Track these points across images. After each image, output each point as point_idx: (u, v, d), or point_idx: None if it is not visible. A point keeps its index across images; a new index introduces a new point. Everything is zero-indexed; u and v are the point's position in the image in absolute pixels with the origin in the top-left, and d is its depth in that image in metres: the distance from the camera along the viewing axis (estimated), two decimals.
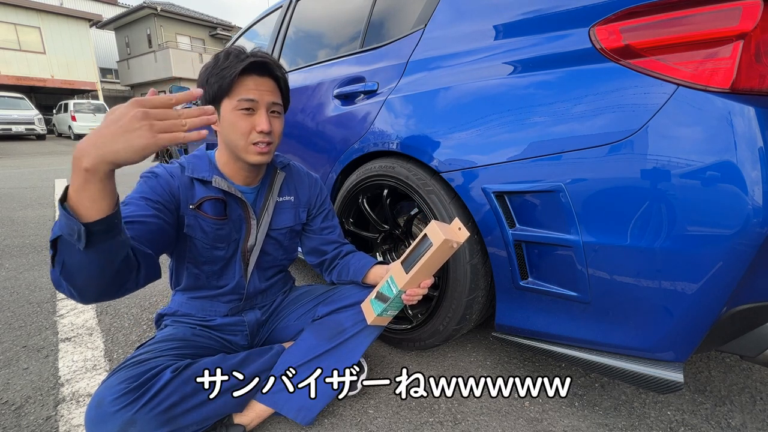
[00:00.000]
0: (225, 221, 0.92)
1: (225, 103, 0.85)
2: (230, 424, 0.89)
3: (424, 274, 0.86)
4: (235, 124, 0.85)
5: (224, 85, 0.82)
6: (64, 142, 11.93)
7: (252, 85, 0.84)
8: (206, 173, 0.90)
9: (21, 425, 0.93)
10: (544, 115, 0.82)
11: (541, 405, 1.03)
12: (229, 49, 0.86)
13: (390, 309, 0.90)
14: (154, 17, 17.24)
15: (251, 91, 0.84)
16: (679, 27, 0.67)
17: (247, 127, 0.85)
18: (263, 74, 0.86)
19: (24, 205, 3.29)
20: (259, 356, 0.96)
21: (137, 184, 0.85)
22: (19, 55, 14.66)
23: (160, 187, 0.84)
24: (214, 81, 0.83)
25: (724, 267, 0.65)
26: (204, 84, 0.85)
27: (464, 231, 0.82)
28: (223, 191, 0.91)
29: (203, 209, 0.89)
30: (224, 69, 0.82)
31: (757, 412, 1.02)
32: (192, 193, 0.89)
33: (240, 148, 0.87)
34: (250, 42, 2.33)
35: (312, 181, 1.10)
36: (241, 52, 0.85)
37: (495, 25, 0.97)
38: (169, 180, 0.86)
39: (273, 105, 0.88)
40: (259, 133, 0.85)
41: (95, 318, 1.44)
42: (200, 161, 0.92)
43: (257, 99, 0.84)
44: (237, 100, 0.83)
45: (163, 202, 0.83)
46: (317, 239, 1.10)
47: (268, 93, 0.86)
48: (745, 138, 0.62)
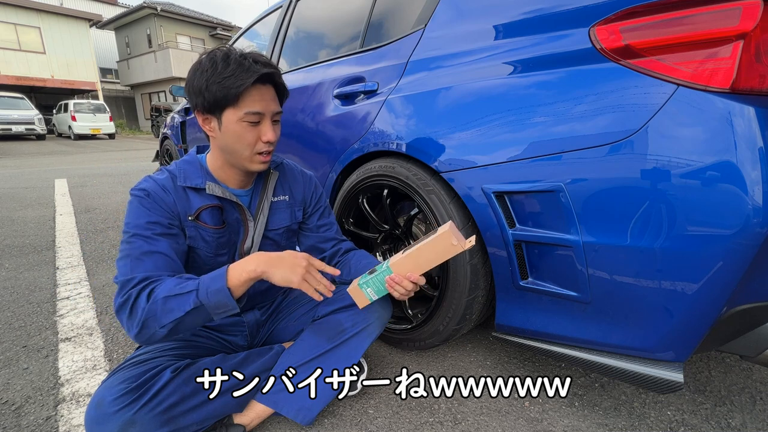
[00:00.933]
0: (224, 229, 0.91)
1: (229, 113, 0.81)
2: (230, 424, 0.89)
3: (417, 261, 0.84)
4: (240, 135, 0.83)
5: (230, 96, 0.79)
6: (64, 142, 11.94)
7: (258, 96, 0.82)
8: (199, 180, 0.87)
9: (21, 425, 0.93)
10: (544, 115, 0.82)
11: (541, 405, 1.03)
12: (227, 53, 0.81)
13: (371, 285, 0.86)
14: (154, 17, 17.25)
15: (258, 104, 0.82)
16: (679, 27, 0.67)
17: (253, 138, 0.83)
18: (266, 83, 0.84)
19: (24, 205, 3.29)
20: (259, 356, 0.96)
21: (130, 204, 0.82)
22: (19, 55, 14.68)
23: (157, 206, 0.81)
24: (216, 89, 0.79)
25: (724, 267, 0.65)
26: (202, 89, 0.80)
27: (472, 241, 0.81)
28: (218, 197, 0.89)
29: (202, 219, 0.87)
30: (228, 78, 0.78)
31: (757, 412, 1.02)
32: (188, 203, 0.86)
33: (245, 158, 0.85)
34: (250, 42, 2.33)
35: (306, 179, 1.08)
36: (245, 59, 0.80)
37: (495, 25, 0.97)
38: (162, 196, 0.83)
39: (276, 114, 0.87)
40: (265, 143, 0.85)
41: (95, 318, 1.44)
42: (191, 167, 0.89)
43: (264, 112, 0.83)
44: (244, 112, 0.80)
45: (166, 223, 0.82)
46: (314, 237, 1.09)
47: (272, 102, 0.85)
48: (745, 138, 0.62)
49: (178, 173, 0.87)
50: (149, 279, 0.75)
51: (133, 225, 0.80)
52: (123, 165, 6.38)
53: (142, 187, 0.83)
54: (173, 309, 0.71)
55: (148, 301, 0.71)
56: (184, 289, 0.72)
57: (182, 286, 0.73)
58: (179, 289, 0.72)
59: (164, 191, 0.84)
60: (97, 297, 1.61)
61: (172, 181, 0.86)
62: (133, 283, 0.74)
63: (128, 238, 0.79)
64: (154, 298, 0.71)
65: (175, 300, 0.71)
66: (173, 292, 0.72)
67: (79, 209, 3.17)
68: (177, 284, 0.73)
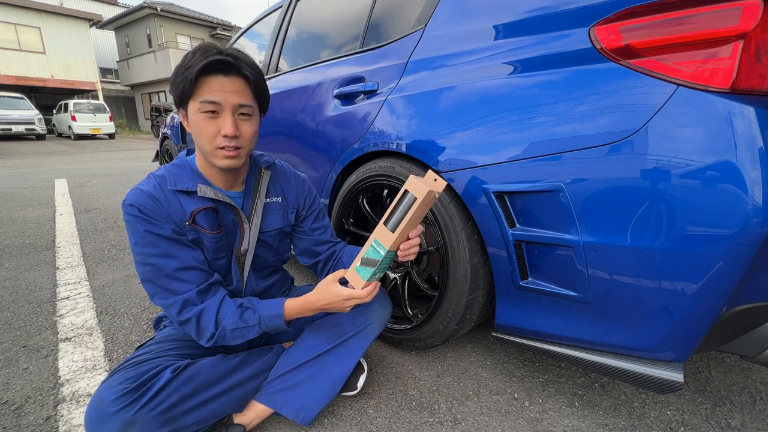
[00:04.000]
0: (221, 233, 0.90)
1: (190, 105, 0.79)
2: (230, 424, 0.89)
3: (407, 231, 0.82)
4: (199, 127, 0.79)
5: (187, 86, 0.76)
6: (64, 142, 11.93)
7: (216, 86, 0.77)
8: (190, 183, 0.85)
9: (21, 425, 0.93)
10: (543, 114, 0.82)
11: (541, 405, 1.03)
12: (199, 46, 0.78)
13: (379, 272, 0.85)
14: (154, 17, 17.25)
15: (215, 93, 0.77)
16: (679, 27, 0.67)
17: (212, 130, 0.79)
18: (230, 73, 0.78)
19: (24, 205, 3.29)
20: (258, 356, 0.96)
21: (128, 224, 0.81)
22: (19, 55, 14.67)
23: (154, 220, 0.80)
24: (179, 81, 0.77)
25: (724, 267, 0.65)
26: (176, 82, 0.78)
27: (440, 181, 0.79)
28: (211, 199, 0.87)
29: (198, 223, 0.86)
30: (188, 68, 0.75)
31: (757, 412, 1.02)
32: (182, 210, 0.84)
33: (207, 153, 0.82)
34: (251, 42, 2.33)
35: (299, 182, 1.06)
36: (209, 49, 0.77)
37: (495, 25, 0.97)
38: (155, 209, 0.81)
39: (240, 107, 0.80)
40: (224, 137, 0.79)
41: (95, 318, 1.44)
42: (182, 170, 0.87)
43: (221, 101, 0.77)
44: (200, 102, 0.77)
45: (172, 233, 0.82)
46: (309, 240, 1.08)
47: (233, 94, 0.78)
48: (745, 138, 0.62)
49: (168, 177, 0.85)
50: (201, 296, 0.84)
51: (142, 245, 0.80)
52: (123, 165, 6.38)
53: (130, 203, 0.80)
54: (239, 337, 0.86)
55: (216, 329, 0.83)
56: (248, 323, 0.85)
57: (245, 319, 0.85)
58: (243, 323, 0.85)
59: (155, 202, 0.81)
60: (97, 297, 1.61)
61: (161, 188, 0.83)
62: (190, 303, 0.83)
63: (143, 260, 0.81)
64: (222, 327, 0.84)
65: (240, 331, 0.85)
66: (239, 325, 0.85)
67: (79, 209, 3.17)
68: (240, 316, 0.85)
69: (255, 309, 0.87)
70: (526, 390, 1.09)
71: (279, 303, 0.88)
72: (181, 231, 0.84)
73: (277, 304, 0.88)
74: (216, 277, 0.89)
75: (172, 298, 0.81)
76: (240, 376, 0.90)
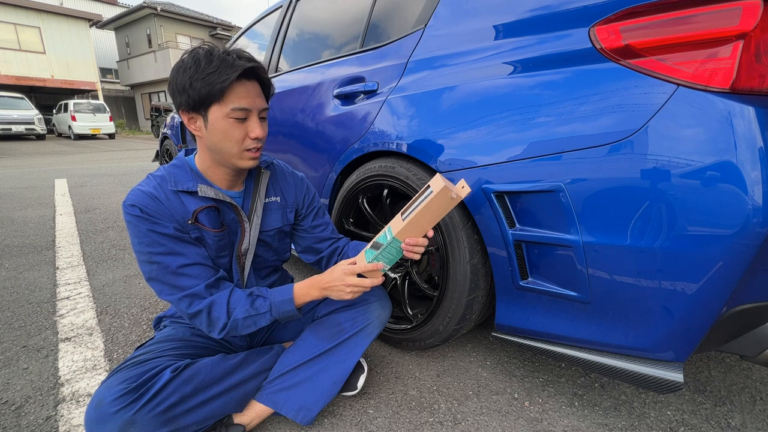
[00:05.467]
0: (224, 232, 0.90)
1: (214, 110, 0.79)
2: (230, 424, 0.89)
3: (421, 224, 0.83)
4: (228, 132, 0.81)
5: (214, 92, 0.77)
6: (64, 142, 11.93)
7: (244, 92, 0.80)
8: (190, 183, 0.85)
9: (21, 425, 0.93)
10: (543, 114, 0.82)
11: (541, 405, 1.03)
12: (210, 50, 0.79)
13: (382, 258, 0.86)
14: (154, 17, 17.24)
15: (244, 100, 0.80)
16: (679, 27, 0.67)
17: (240, 134, 0.82)
18: (251, 78, 0.82)
19: (24, 205, 3.29)
20: (258, 356, 0.96)
21: (130, 224, 0.81)
22: (19, 55, 14.68)
23: (156, 219, 0.81)
24: (200, 86, 0.77)
25: (724, 267, 0.65)
26: (186, 87, 0.78)
27: (467, 188, 0.80)
28: (212, 199, 0.88)
29: (200, 221, 0.86)
30: (212, 74, 0.76)
31: (757, 412, 1.02)
32: (183, 209, 0.84)
33: (233, 155, 0.84)
34: (251, 42, 2.33)
35: (297, 181, 1.06)
36: (228, 55, 0.78)
37: (495, 25, 0.97)
38: (156, 208, 0.81)
39: (263, 110, 0.85)
40: (253, 140, 0.83)
41: (95, 318, 1.44)
42: (181, 171, 0.87)
43: (251, 107, 0.81)
44: (231, 108, 0.79)
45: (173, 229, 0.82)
46: (310, 238, 1.09)
47: (258, 98, 0.83)
48: (745, 138, 0.62)
49: (168, 178, 0.85)
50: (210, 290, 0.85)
51: (145, 244, 0.80)
52: (123, 165, 6.38)
53: (131, 203, 0.80)
54: (251, 325, 0.87)
55: (228, 318, 0.84)
56: (260, 311, 0.87)
57: (256, 306, 0.87)
58: (254, 310, 0.86)
59: (156, 201, 0.82)
60: (97, 297, 1.61)
61: (162, 188, 0.84)
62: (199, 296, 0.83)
63: (149, 259, 0.81)
64: (234, 316, 0.85)
65: (252, 319, 0.86)
66: (250, 313, 0.86)
67: (79, 209, 3.17)
68: (251, 304, 0.86)
69: (265, 296, 0.88)
70: (526, 390, 1.09)
71: (288, 288, 0.90)
72: (183, 229, 0.84)
73: (286, 290, 0.89)
74: (222, 273, 0.89)
75: (181, 293, 0.82)
76: (240, 376, 0.90)
